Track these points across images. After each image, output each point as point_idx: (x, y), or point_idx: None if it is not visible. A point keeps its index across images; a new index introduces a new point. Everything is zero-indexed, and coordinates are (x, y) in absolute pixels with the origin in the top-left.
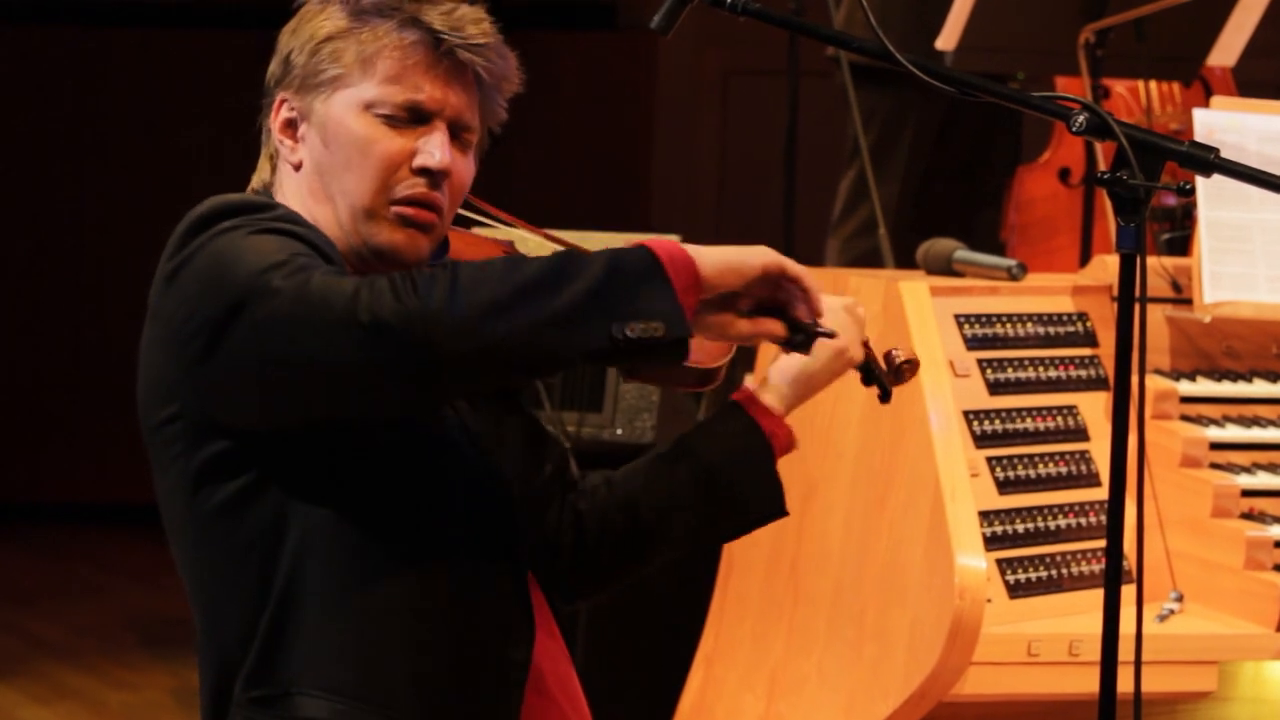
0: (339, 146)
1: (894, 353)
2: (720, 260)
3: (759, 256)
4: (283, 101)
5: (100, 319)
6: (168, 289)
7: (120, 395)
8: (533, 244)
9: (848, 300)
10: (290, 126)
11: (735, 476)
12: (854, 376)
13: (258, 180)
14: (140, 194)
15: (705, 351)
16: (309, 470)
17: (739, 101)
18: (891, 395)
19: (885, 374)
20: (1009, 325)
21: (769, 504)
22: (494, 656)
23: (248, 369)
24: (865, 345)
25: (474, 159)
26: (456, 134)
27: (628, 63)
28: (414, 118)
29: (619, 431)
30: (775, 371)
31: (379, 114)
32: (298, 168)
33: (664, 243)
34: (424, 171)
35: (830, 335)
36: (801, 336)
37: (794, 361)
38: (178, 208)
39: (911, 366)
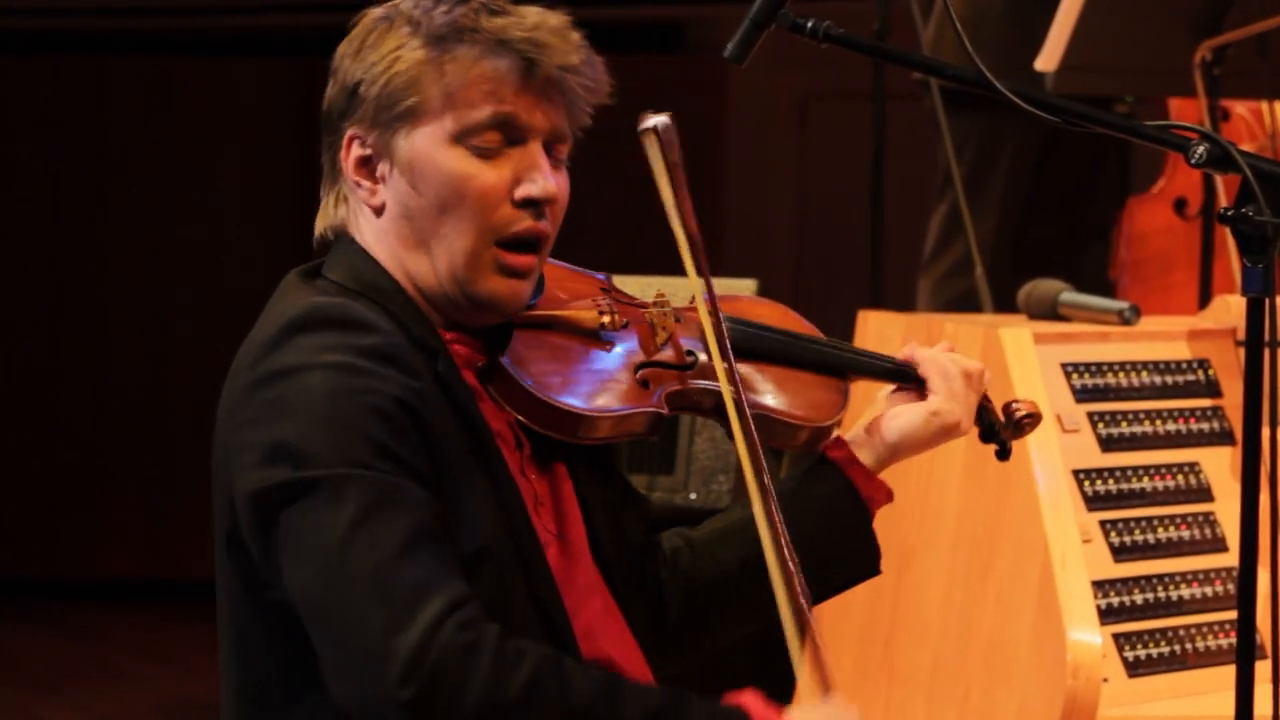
0: (430, 187)
1: (1014, 406)
2: None
3: None
4: (353, 138)
5: (126, 391)
6: (251, 395)
7: (146, 469)
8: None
9: (971, 365)
10: (365, 165)
11: (828, 542)
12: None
13: (325, 224)
14: (163, 254)
15: (818, 407)
16: None
17: (819, 128)
18: (1010, 452)
19: (1004, 428)
20: (1122, 374)
21: (863, 564)
22: None
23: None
24: (984, 399)
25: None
26: (550, 150)
27: (696, 88)
28: (507, 139)
29: (693, 496)
30: (875, 424)
31: (470, 145)
32: (379, 211)
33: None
34: (528, 203)
35: None
36: None
37: (897, 419)
38: (193, 280)
39: (1033, 421)
